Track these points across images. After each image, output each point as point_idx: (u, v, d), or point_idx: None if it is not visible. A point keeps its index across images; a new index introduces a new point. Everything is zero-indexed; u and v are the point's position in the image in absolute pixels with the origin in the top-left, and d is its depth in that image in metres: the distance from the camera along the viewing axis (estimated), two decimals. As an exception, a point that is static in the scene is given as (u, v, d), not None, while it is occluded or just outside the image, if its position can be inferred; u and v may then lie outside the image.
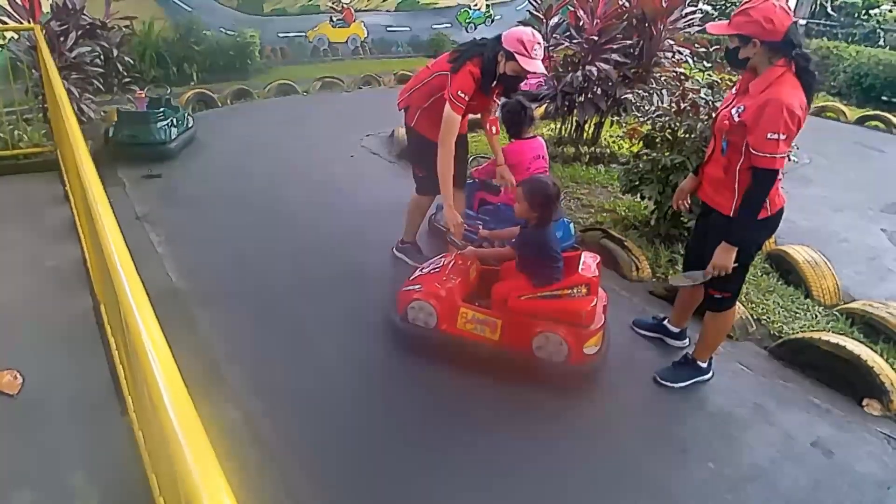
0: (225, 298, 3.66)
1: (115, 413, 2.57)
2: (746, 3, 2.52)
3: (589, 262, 3.09)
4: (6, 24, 5.93)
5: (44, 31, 5.49)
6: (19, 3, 5.97)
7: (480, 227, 3.98)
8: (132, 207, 4.85)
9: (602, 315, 3.06)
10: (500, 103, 4.01)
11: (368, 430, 2.69)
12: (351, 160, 6.27)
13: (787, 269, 4.06)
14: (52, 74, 3.40)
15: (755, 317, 3.61)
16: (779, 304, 3.76)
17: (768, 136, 2.46)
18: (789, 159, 4.00)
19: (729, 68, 4.06)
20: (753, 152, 2.54)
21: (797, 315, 3.66)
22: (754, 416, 2.91)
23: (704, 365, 3.10)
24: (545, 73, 3.46)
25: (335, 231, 4.61)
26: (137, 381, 1.79)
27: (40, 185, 5.16)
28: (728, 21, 2.57)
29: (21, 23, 5.88)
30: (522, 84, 3.59)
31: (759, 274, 4.07)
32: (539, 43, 3.28)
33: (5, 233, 4.22)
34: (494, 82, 3.43)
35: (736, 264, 2.72)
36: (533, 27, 3.63)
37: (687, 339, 3.38)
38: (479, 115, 3.93)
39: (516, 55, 3.25)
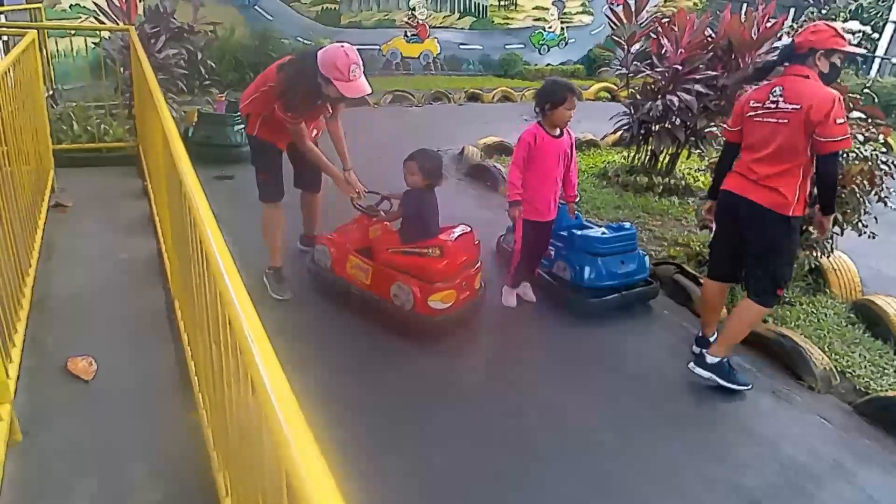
0: (286, 302, 3.69)
1: (181, 409, 2.58)
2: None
3: (456, 232, 3.45)
4: (103, 24, 6.21)
5: (137, 33, 5.71)
6: (117, 4, 6.25)
7: (552, 252, 3.91)
8: (206, 206, 4.95)
9: (460, 278, 3.40)
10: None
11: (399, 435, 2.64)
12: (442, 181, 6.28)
13: (874, 321, 3.83)
14: (148, 74, 3.51)
15: (839, 369, 3.40)
16: (865, 357, 3.54)
17: None
18: (885, 205, 3.82)
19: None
20: None
21: (885, 371, 3.43)
22: (832, 473, 2.72)
23: (717, 360, 3.19)
24: (369, 92, 3.40)
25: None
26: (215, 379, 1.78)
27: (119, 178, 5.34)
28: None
29: (117, 23, 6.14)
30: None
31: (844, 324, 3.85)
32: (356, 62, 3.23)
33: (85, 223, 4.37)
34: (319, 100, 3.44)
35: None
36: (612, 52, 3.65)
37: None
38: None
39: (334, 81, 3.21)
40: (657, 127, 5.59)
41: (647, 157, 6.14)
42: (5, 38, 5.98)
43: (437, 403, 2.98)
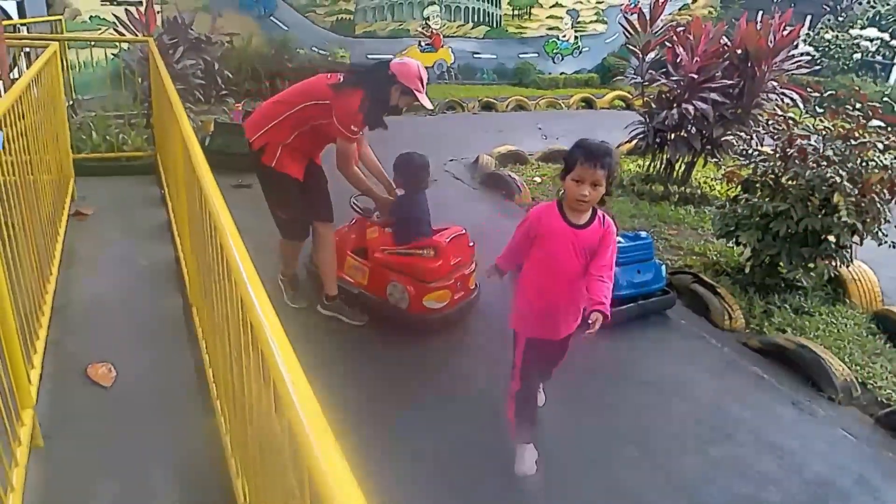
0: (304, 311, 3.70)
1: (199, 415, 2.60)
2: None
3: (451, 233, 3.52)
4: (123, 35, 6.31)
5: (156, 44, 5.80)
6: (136, 16, 6.36)
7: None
8: (223, 214, 5.00)
9: (454, 278, 3.49)
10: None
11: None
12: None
13: (895, 332, 3.78)
14: (168, 85, 3.56)
15: (860, 380, 3.35)
16: (887, 368, 3.48)
17: None
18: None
19: (843, 115, 3.88)
20: None
21: (908, 382, 3.39)
22: (858, 489, 2.67)
23: None
24: (432, 108, 3.52)
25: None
26: (235, 385, 1.79)
27: (138, 187, 5.40)
28: None
29: (136, 35, 6.24)
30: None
31: (865, 335, 3.80)
32: (427, 78, 3.35)
33: (105, 230, 4.43)
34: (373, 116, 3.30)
35: None
36: (627, 61, 3.56)
37: None
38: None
39: (416, 92, 3.24)
40: (673, 135, 5.58)
41: (663, 166, 6.12)
42: (27, 49, 6.09)
43: (450, 412, 2.97)
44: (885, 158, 3.70)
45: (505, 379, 2.76)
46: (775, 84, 5.33)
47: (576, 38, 13.36)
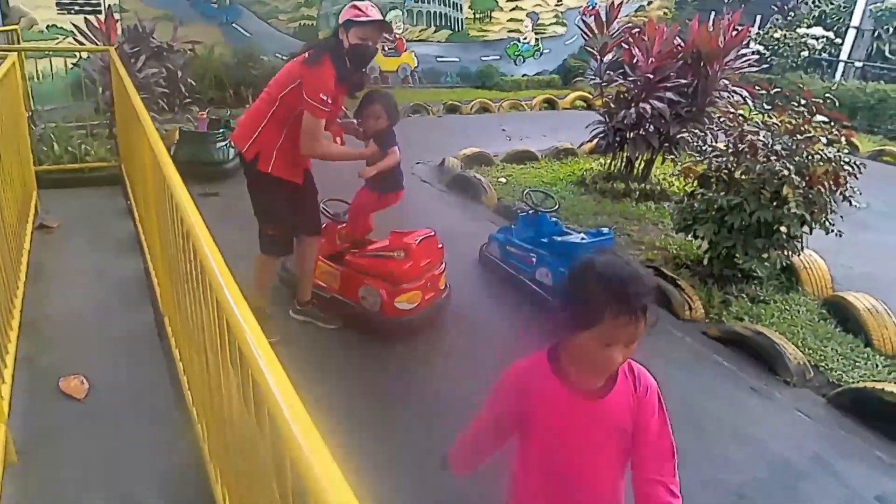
0: (279, 318, 3.72)
1: (175, 423, 2.62)
2: None
3: (420, 235, 3.56)
4: (83, 45, 6.24)
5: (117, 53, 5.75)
6: (95, 25, 6.29)
7: (534, 259, 4.01)
8: (191, 223, 4.98)
9: (424, 279, 3.54)
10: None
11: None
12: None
13: (844, 317, 3.96)
14: (131, 94, 3.56)
15: (813, 363, 3.53)
16: (837, 351, 3.67)
17: None
18: (850, 204, 3.97)
19: (789, 111, 4.07)
20: None
21: (857, 363, 3.57)
22: (815, 467, 2.82)
23: None
24: (388, 28, 3.21)
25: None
26: (212, 391, 1.83)
27: (104, 198, 5.36)
28: None
29: (96, 44, 6.18)
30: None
31: (817, 320, 3.99)
32: (372, 5, 3.12)
33: (71, 243, 4.39)
34: (347, 76, 3.12)
35: None
36: (586, 62, 3.63)
37: None
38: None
39: (355, 18, 3.06)
40: (632, 134, 5.74)
41: (623, 164, 6.29)
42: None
43: (432, 411, 3.03)
44: (830, 152, 3.89)
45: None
46: (727, 82, 5.53)
47: (536, 40, 13.57)
